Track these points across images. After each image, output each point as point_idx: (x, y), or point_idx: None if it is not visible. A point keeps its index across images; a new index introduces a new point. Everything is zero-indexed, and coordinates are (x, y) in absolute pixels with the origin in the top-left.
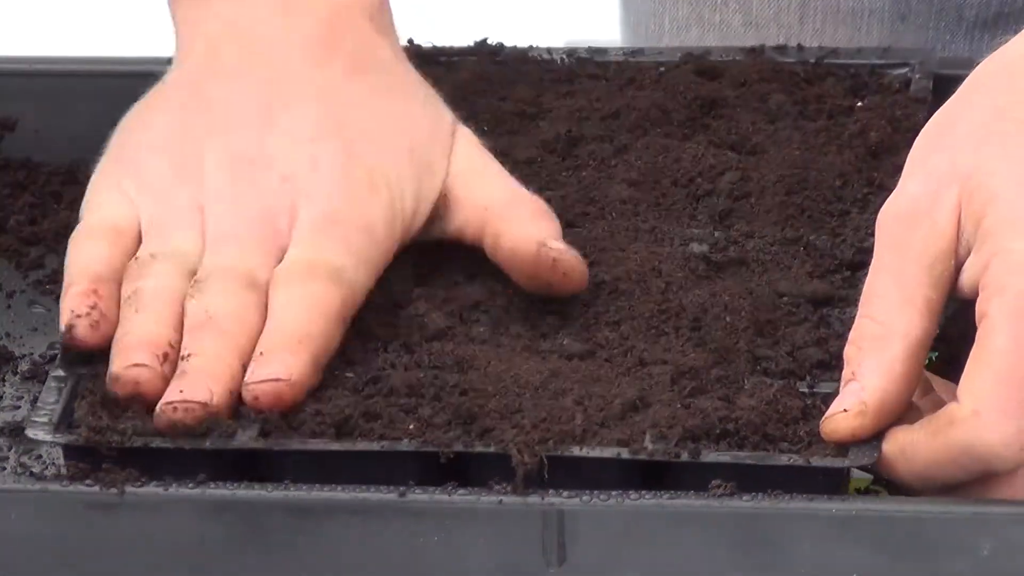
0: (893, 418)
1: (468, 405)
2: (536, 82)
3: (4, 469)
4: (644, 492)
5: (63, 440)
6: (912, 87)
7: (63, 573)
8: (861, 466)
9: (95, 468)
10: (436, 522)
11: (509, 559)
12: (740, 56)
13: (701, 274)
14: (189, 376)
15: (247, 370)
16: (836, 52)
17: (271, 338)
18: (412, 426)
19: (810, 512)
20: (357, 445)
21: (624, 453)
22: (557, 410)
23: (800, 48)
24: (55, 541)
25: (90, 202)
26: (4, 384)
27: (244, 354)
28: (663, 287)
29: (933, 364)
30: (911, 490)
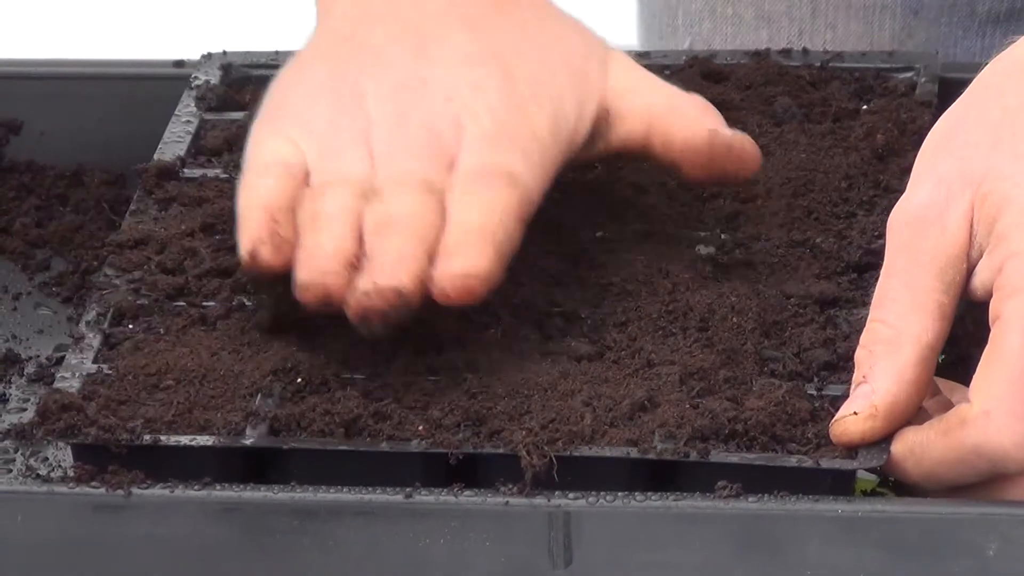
0: (903, 422)
1: (477, 407)
2: None
3: (11, 471)
4: (650, 493)
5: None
6: (917, 91)
7: (70, 575)
8: (870, 468)
9: (101, 470)
10: (442, 523)
11: (515, 560)
12: (745, 59)
13: (708, 276)
14: (379, 267)
15: (434, 266)
16: (841, 56)
17: (455, 235)
18: (421, 427)
19: (816, 513)
20: (366, 445)
21: (633, 453)
22: (566, 411)
23: (805, 52)
24: (62, 543)
25: (253, 150)
26: (10, 386)
27: (430, 249)
28: (670, 288)
29: (939, 365)
30: (918, 491)
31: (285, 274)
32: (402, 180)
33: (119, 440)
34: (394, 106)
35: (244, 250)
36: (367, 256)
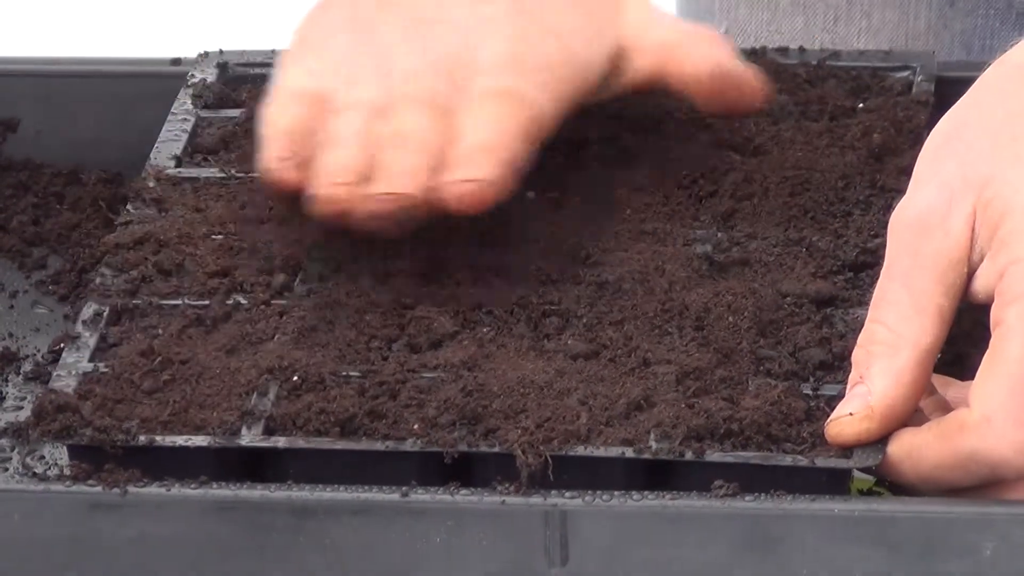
0: (899, 424)
1: (473, 405)
2: None
3: (7, 470)
4: (646, 492)
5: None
6: (914, 89)
7: (66, 573)
8: (865, 468)
9: (98, 468)
10: (438, 522)
11: (511, 559)
12: (743, 57)
13: (704, 274)
14: (387, 178)
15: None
16: (838, 54)
17: (463, 147)
18: (417, 426)
19: (813, 512)
20: (361, 444)
21: (628, 452)
22: (561, 410)
23: (802, 50)
24: (58, 541)
25: (278, 82)
26: (7, 385)
27: (437, 164)
28: (667, 287)
29: (936, 364)
30: (915, 491)
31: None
32: (414, 98)
33: (114, 441)
34: (409, 37)
35: (264, 169)
36: (376, 168)
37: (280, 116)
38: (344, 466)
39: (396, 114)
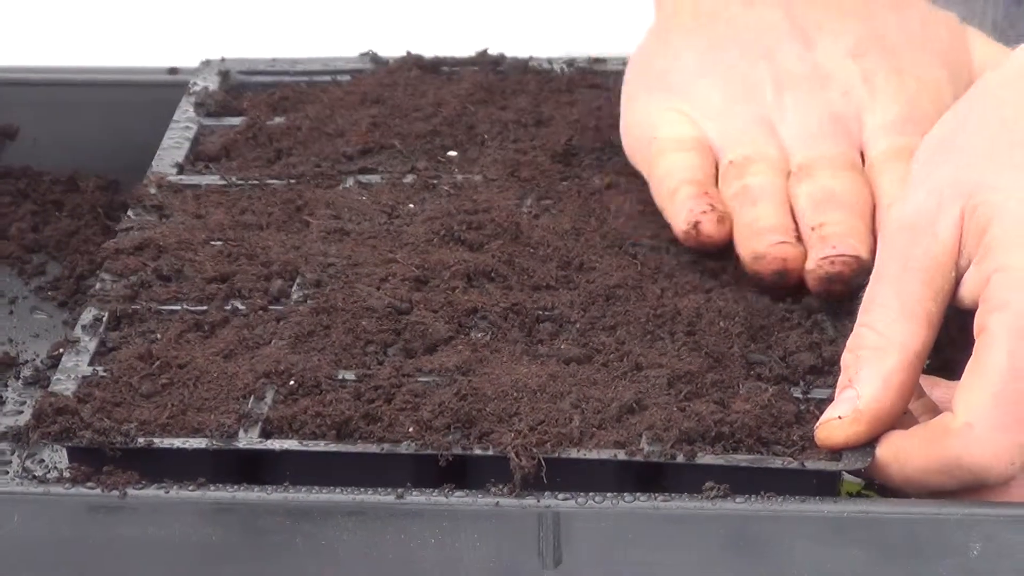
0: (887, 427)
1: (467, 409)
2: (536, 92)
3: (7, 473)
4: (639, 494)
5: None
6: None
7: (66, 574)
8: (854, 470)
9: (97, 471)
10: (433, 524)
11: (505, 560)
12: None
13: (696, 281)
14: (834, 237)
15: None
16: None
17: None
18: (412, 429)
19: (802, 514)
20: (357, 447)
21: (621, 455)
22: (555, 413)
23: None
24: (58, 543)
25: (646, 120)
26: (7, 389)
27: (869, 225)
28: (659, 293)
29: (923, 370)
30: (903, 494)
31: None
32: (829, 160)
33: (113, 443)
34: (792, 96)
35: (685, 222)
36: (814, 228)
37: (679, 164)
38: (340, 468)
39: (816, 174)
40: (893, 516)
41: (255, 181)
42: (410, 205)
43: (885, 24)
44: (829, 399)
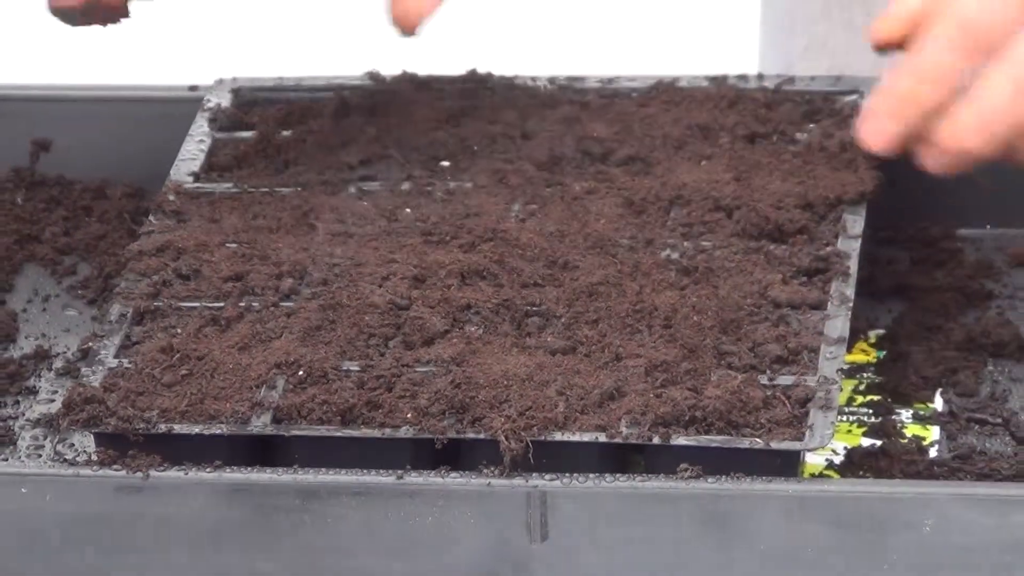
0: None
1: (461, 396)
2: (521, 107)
3: (41, 456)
4: (619, 475)
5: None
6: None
7: (94, 549)
8: (813, 449)
9: (122, 454)
10: (430, 502)
11: (497, 536)
12: (705, 83)
13: (672, 279)
14: None
15: None
16: (792, 80)
17: None
18: (410, 415)
19: (769, 493)
20: (360, 432)
21: (602, 437)
22: (541, 399)
23: (760, 76)
24: (86, 520)
25: None
26: (40, 380)
27: None
28: (638, 290)
29: (878, 362)
30: (861, 474)
31: None
32: None
33: (137, 429)
34: None
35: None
36: None
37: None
38: (344, 451)
39: None
40: (851, 495)
41: (265, 189)
42: (407, 210)
43: None
44: (794, 385)
